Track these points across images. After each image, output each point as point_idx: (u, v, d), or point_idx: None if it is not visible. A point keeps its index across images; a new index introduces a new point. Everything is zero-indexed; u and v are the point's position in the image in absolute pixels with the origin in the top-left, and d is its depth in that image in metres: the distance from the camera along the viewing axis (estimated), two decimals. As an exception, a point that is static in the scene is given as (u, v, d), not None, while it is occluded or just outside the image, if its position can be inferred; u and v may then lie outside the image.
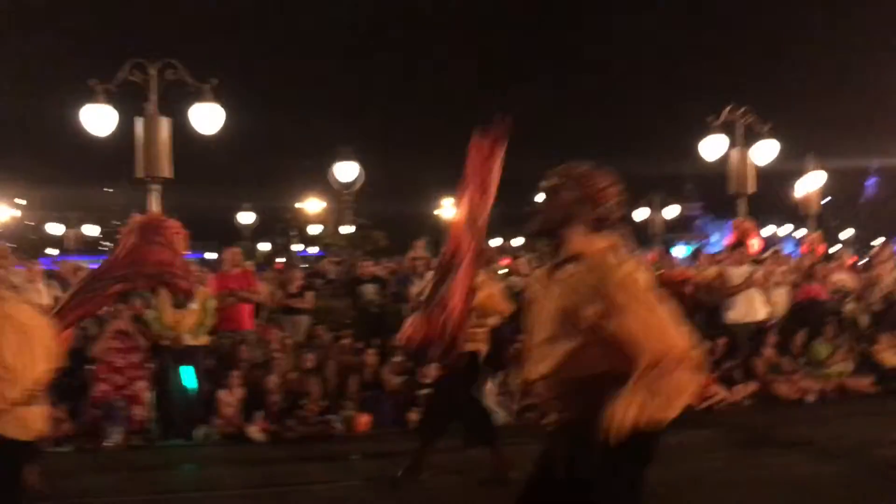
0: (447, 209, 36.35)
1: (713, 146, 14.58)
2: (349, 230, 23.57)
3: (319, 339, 10.69)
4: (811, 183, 17.50)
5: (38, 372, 3.95)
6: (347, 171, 18.60)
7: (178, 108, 11.38)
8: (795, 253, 19.42)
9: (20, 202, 38.86)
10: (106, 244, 45.63)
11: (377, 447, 8.31)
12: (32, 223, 44.77)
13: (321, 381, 9.34)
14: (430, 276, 9.08)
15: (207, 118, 11.32)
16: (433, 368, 7.58)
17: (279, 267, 15.71)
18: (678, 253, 24.60)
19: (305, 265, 21.22)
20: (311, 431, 8.76)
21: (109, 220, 46.74)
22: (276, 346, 9.97)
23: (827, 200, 31.30)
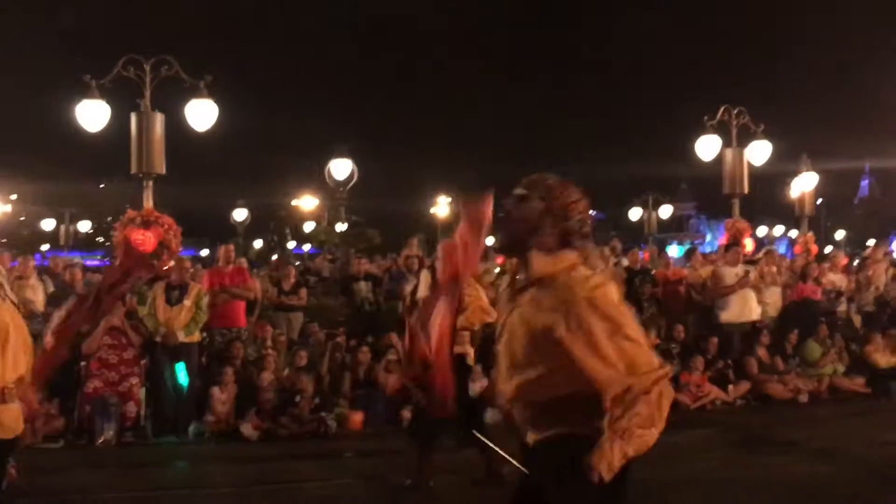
0: (442, 207, 36.39)
1: (708, 146, 14.60)
2: (343, 228, 23.53)
3: (313, 336, 10.68)
4: (805, 184, 17.53)
5: (17, 371, 3.93)
6: (342, 168, 18.54)
7: (172, 104, 11.35)
8: (789, 253, 19.51)
9: (13, 197, 38.71)
10: (99, 240, 45.52)
11: (370, 445, 8.31)
12: (25, 219, 44.65)
13: (314, 378, 9.33)
14: (423, 276, 9.11)
15: (202, 115, 11.29)
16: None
17: (273, 264, 15.67)
18: (672, 253, 24.63)
19: (299, 262, 21.21)
20: (304, 429, 8.74)
21: (103, 216, 46.63)
22: (269, 343, 9.96)
23: (820, 201, 31.39)
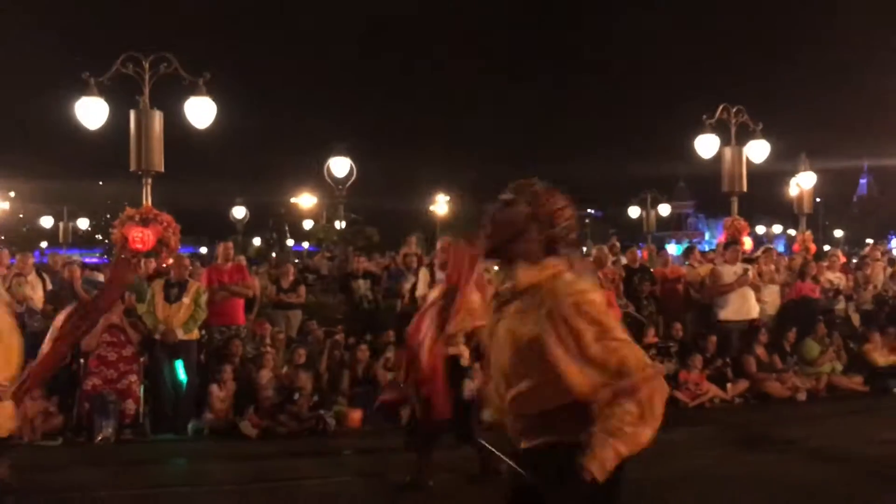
0: (440, 205, 36.40)
1: (707, 145, 14.62)
2: (342, 225, 23.51)
3: (312, 334, 10.68)
4: (803, 182, 17.56)
5: (10, 370, 3.93)
6: (341, 166, 18.52)
7: (172, 102, 11.35)
8: (787, 252, 19.53)
9: (12, 195, 38.69)
10: (98, 238, 45.52)
11: (369, 443, 8.31)
12: (24, 216, 44.65)
13: (313, 376, 9.33)
14: (422, 274, 9.10)
15: (201, 112, 11.29)
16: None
17: (272, 262, 15.68)
18: (670, 251, 24.63)
19: (297, 260, 21.21)
20: (302, 427, 8.75)
21: (101, 213, 46.64)
22: (268, 341, 9.96)
23: (819, 200, 31.41)
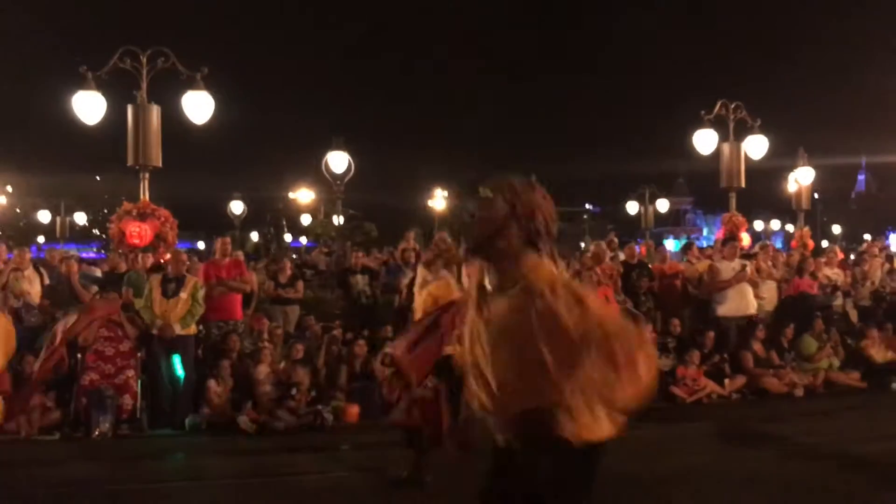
0: (439, 200, 36.38)
1: (705, 140, 14.62)
2: (340, 221, 23.52)
3: (309, 329, 10.67)
4: (801, 178, 17.57)
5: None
6: (339, 161, 18.48)
7: (169, 96, 11.33)
8: (785, 248, 19.54)
9: (9, 189, 38.63)
10: (95, 232, 45.46)
11: (366, 438, 8.29)
12: (21, 210, 44.57)
13: (311, 371, 9.32)
14: (420, 270, 9.09)
15: (198, 107, 11.27)
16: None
17: (270, 257, 15.67)
18: (668, 247, 24.65)
19: (295, 255, 21.21)
20: (300, 422, 8.74)
21: (99, 208, 46.58)
22: (265, 336, 9.95)
23: (817, 196, 31.43)
